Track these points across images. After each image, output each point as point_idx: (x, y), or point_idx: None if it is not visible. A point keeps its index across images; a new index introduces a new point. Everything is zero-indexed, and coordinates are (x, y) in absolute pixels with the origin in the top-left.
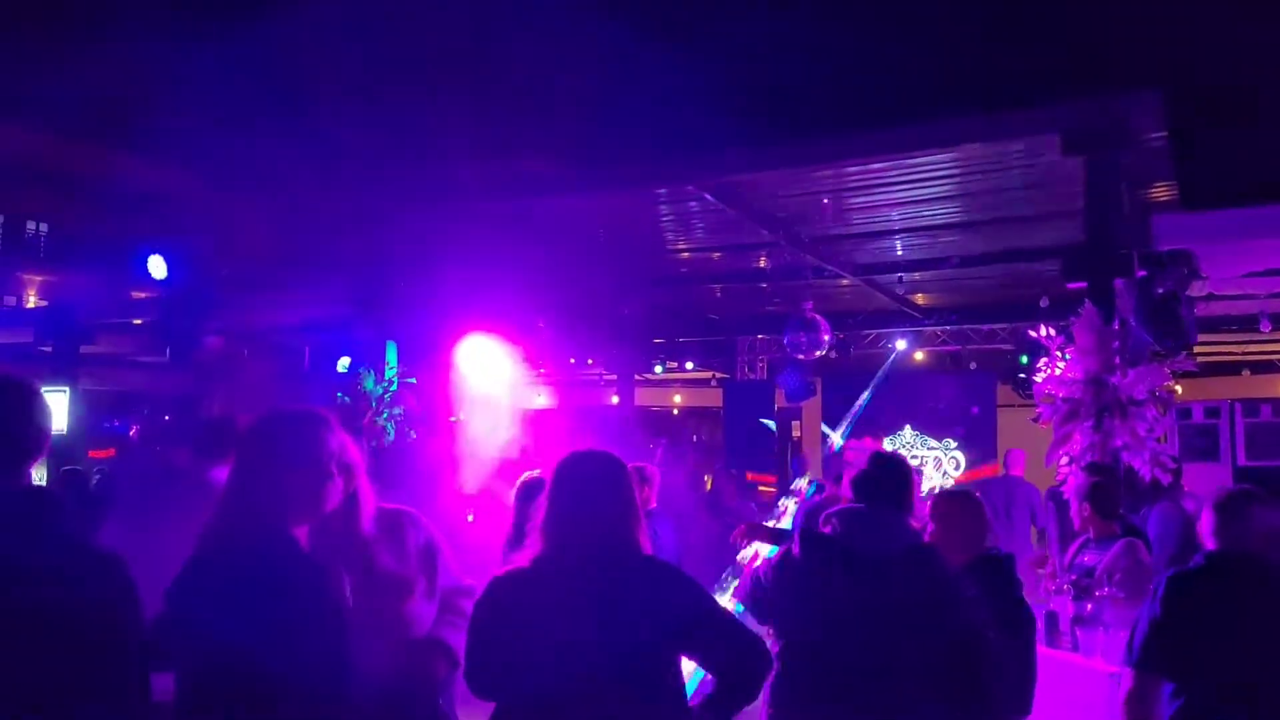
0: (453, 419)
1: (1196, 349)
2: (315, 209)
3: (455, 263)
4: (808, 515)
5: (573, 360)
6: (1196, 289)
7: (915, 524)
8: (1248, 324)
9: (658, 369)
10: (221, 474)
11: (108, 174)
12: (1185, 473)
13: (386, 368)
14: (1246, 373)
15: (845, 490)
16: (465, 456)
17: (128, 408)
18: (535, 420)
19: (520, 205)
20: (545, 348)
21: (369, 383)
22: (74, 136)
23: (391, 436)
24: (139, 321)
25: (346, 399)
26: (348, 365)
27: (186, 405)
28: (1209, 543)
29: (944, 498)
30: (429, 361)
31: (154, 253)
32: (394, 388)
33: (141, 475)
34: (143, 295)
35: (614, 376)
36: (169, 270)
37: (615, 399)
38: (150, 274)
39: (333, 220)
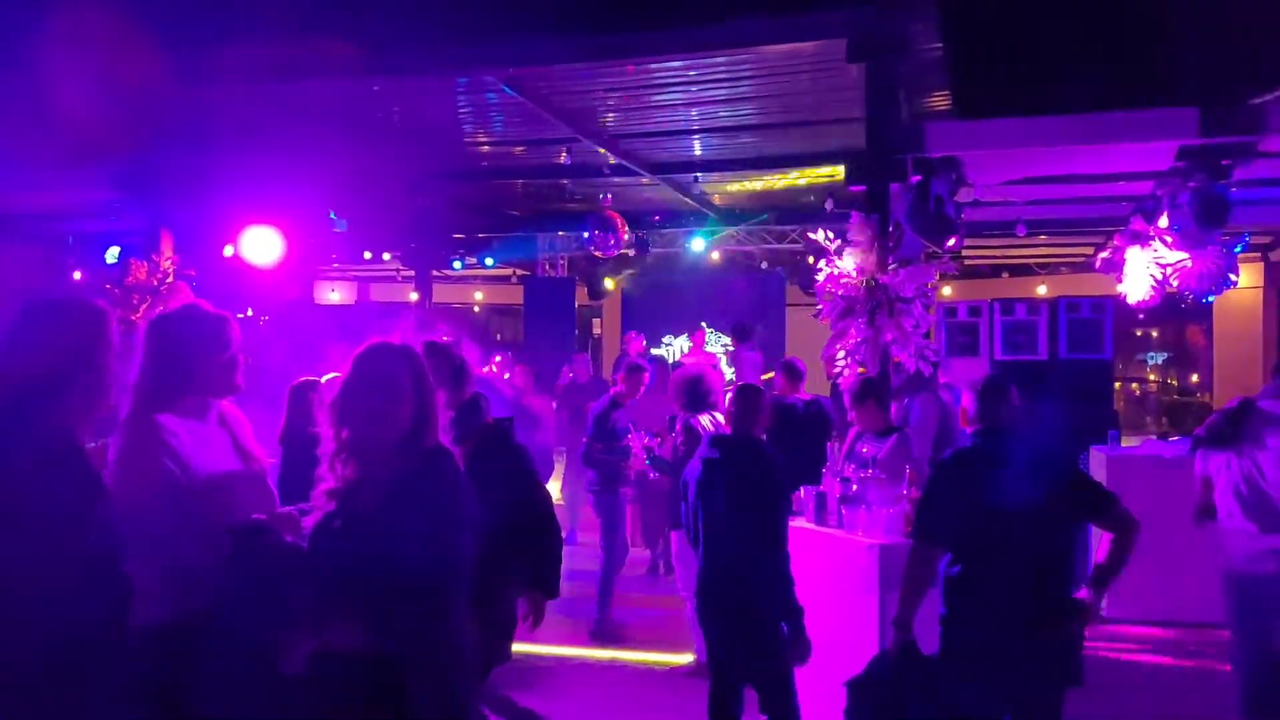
0: (239, 316)
1: (962, 253)
2: (80, 83)
3: (238, 148)
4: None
5: (368, 255)
6: (964, 195)
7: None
8: (1007, 229)
9: (456, 265)
10: None
11: None
12: (950, 366)
13: (161, 259)
14: (1006, 275)
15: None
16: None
17: None
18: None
19: (304, 88)
20: (337, 241)
21: (141, 274)
22: None
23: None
24: None
25: (116, 291)
26: (118, 255)
27: None
28: (971, 424)
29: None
30: (208, 253)
31: None
32: (169, 280)
33: None
34: None
35: (411, 272)
36: None
37: (414, 295)
38: None
39: (100, 95)
